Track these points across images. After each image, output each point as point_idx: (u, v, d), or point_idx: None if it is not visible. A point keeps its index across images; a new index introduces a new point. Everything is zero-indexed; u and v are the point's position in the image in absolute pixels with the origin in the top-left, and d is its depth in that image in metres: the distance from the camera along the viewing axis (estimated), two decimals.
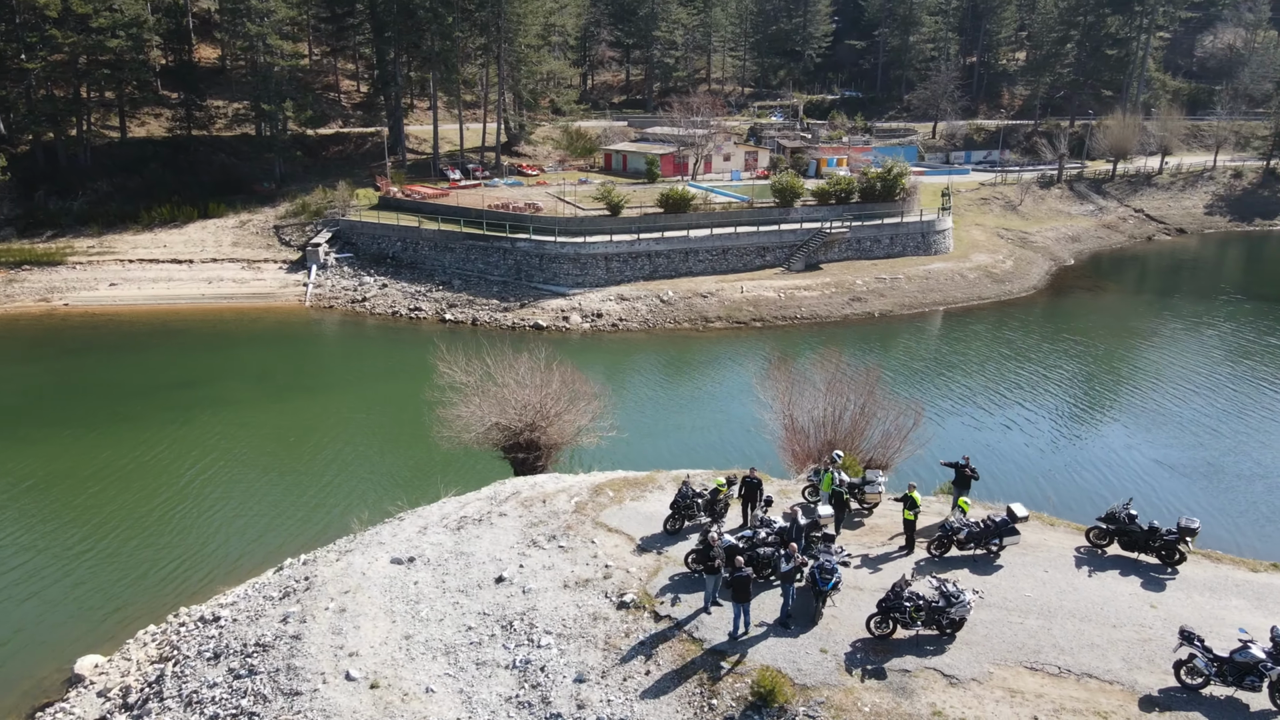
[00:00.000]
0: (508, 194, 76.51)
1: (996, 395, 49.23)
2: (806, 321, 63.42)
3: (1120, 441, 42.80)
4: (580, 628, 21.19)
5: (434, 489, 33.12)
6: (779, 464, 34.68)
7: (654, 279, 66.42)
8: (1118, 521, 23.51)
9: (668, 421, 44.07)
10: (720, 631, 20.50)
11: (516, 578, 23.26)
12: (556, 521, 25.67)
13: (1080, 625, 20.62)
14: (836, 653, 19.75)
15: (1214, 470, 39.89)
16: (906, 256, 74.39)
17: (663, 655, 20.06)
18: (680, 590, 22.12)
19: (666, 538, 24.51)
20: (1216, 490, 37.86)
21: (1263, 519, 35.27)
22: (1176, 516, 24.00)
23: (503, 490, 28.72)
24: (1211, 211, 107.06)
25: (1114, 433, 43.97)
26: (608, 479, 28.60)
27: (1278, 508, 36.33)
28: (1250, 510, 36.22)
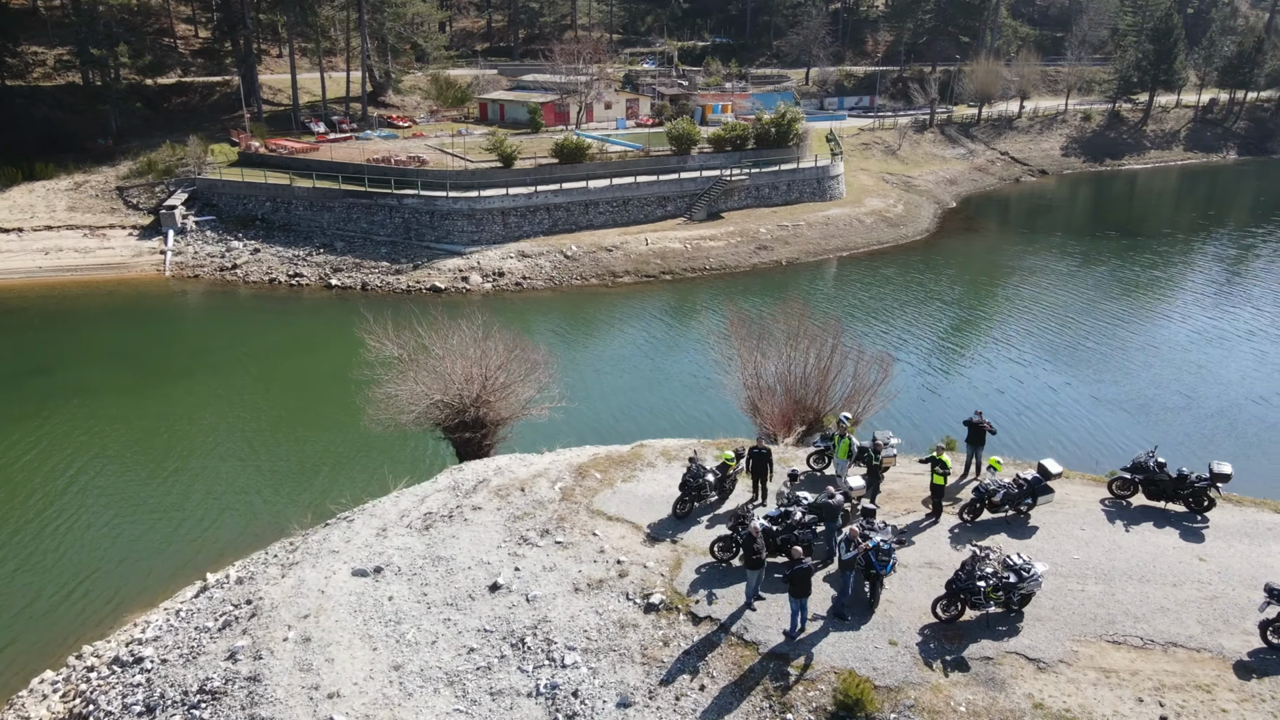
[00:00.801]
0: (386, 147, 70.57)
1: (926, 340, 48.69)
2: (716, 272, 61.42)
3: (1052, 380, 42.87)
4: (608, 639, 18.25)
5: (376, 481, 29.14)
6: (745, 426, 32.42)
7: (555, 233, 62.72)
8: (1145, 471, 22.40)
9: (607, 385, 41.09)
10: (773, 631, 18.02)
11: (515, 584, 20.01)
12: (544, 512, 22.45)
13: (1141, 588, 19.29)
14: (908, 644, 17.64)
15: (1144, 404, 40.42)
16: (804, 203, 73.39)
17: (714, 665, 17.41)
18: (711, 584, 19.48)
19: (676, 523, 21.77)
20: (1153, 424, 38.27)
21: (1204, 450, 35.68)
22: (1176, 459, 23.11)
23: (463, 478, 25.17)
24: (1067, 153, 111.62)
25: (1044, 373, 44.04)
26: (588, 458, 25.51)
27: (1214, 437, 36.95)
28: (1188, 441, 36.70)
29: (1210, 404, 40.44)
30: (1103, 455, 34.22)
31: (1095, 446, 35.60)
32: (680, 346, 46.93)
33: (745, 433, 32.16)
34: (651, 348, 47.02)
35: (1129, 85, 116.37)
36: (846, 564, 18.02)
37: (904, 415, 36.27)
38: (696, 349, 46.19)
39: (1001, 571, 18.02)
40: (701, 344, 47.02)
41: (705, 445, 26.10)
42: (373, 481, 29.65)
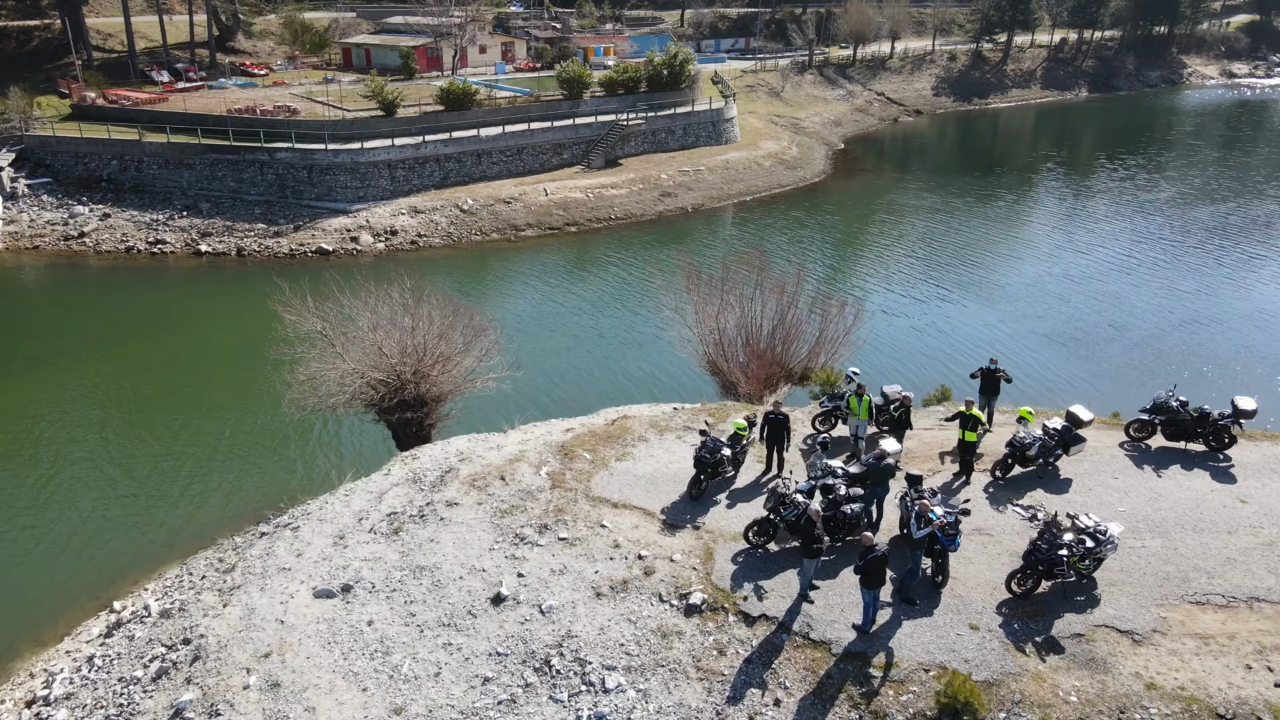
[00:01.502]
0: (247, 96, 63.59)
1: (852, 282, 47.44)
2: (622, 222, 58.48)
3: (985, 318, 42.36)
4: (651, 652, 15.57)
5: (314, 477, 25.28)
6: (709, 385, 30.05)
7: (447, 186, 58.14)
8: (1167, 411, 21.32)
9: (539, 348, 37.76)
10: (839, 625, 15.78)
11: (522, 593, 17.01)
12: (536, 504, 19.40)
13: (1199, 539, 18.09)
14: (990, 626, 15.75)
15: (1076, 337, 40.39)
16: (700, 147, 71.05)
17: (784, 673, 15.03)
18: (753, 575, 17.05)
19: (693, 506, 19.19)
20: (1089, 357, 38.17)
21: (1140, 382, 35.69)
22: (1200, 399, 22.19)
23: (422, 468, 21.75)
24: (938, 93, 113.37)
25: (974, 310, 43.49)
26: (567, 435, 22.50)
27: (1149, 368, 37.11)
28: (1127, 372, 36.75)
29: (1135, 334, 40.79)
30: (1055, 392, 33.70)
31: (1043, 383, 35.06)
32: (607, 301, 43.98)
33: (709, 392, 29.82)
34: (576, 304, 43.85)
35: (989, 25, 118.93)
36: (917, 542, 15.90)
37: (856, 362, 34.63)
38: (626, 303, 43.42)
39: (1077, 536, 16.32)
40: (629, 297, 44.30)
41: (699, 411, 23.49)
42: (309, 477, 25.77)
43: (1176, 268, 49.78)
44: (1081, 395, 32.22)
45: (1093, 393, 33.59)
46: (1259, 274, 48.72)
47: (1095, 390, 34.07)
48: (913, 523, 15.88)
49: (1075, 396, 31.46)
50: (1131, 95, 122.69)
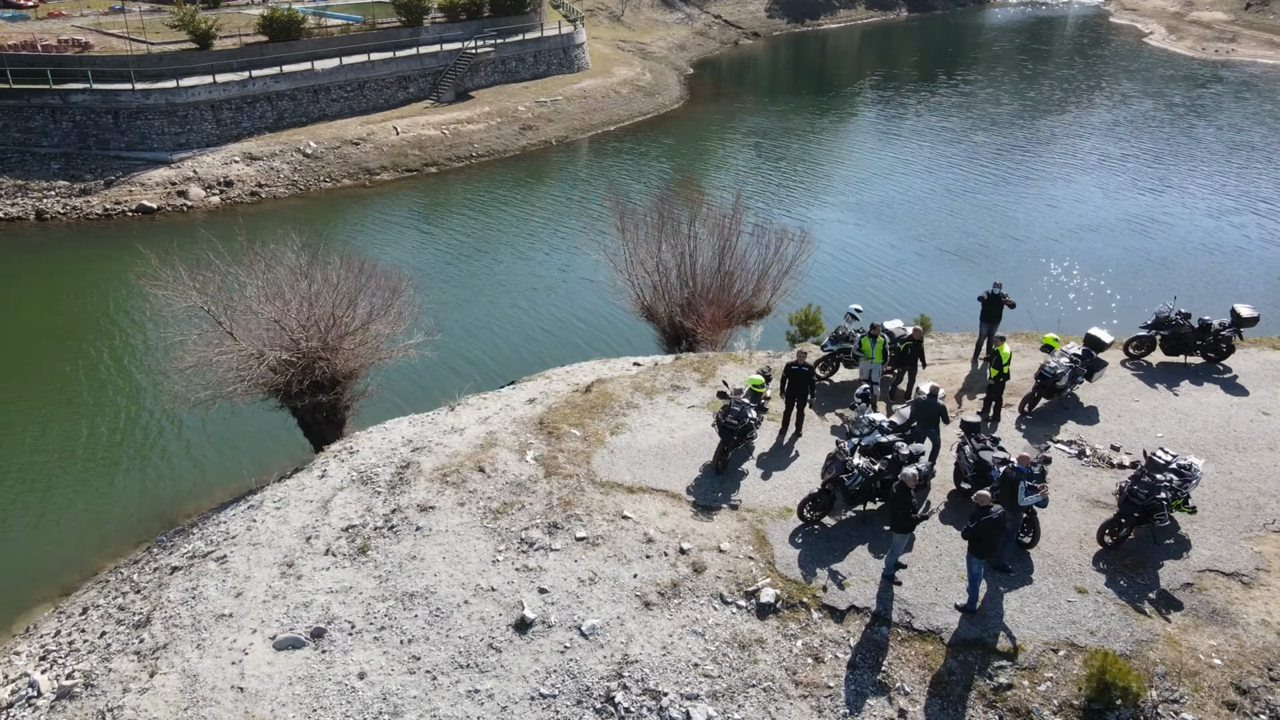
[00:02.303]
0: (19, 30, 53.69)
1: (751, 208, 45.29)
2: (485, 159, 53.90)
3: (888, 238, 41.40)
4: (734, 669, 12.91)
5: (213, 485, 20.83)
6: (645, 334, 27.26)
7: (283, 128, 51.51)
8: (1169, 325, 20.38)
9: (437, 301, 33.43)
10: (940, 608, 13.65)
11: (551, 613, 13.87)
12: (534, 498, 16.14)
13: (1246, 458, 17.17)
14: (1097, 587, 14.05)
15: (976, 250, 40.12)
16: (553, 75, 66.71)
17: (898, 675, 12.75)
18: (822, 557, 14.63)
19: (720, 481, 16.50)
20: (996, 269, 37.75)
21: (1043, 294, 35.65)
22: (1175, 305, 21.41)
23: (369, 464, 17.95)
24: (771, 14, 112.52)
25: (874, 232, 42.44)
26: (537, 408, 19.19)
27: (1063, 280, 37.22)
28: (1034, 285, 36.70)
29: (1031, 244, 40.92)
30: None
31: (969, 305, 34.21)
32: (495, 246, 39.91)
33: (647, 339, 27.00)
34: (461, 251, 39.51)
35: None
36: (1023, 505, 13.89)
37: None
38: (518, 247, 39.58)
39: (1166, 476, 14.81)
40: (519, 240, 40.45)
41: (681, 367, 20.61)
42: (205, 486, 21.24)
43: (1045, 178, 50.66)
44: (1015, 313, 31.44)
45: (1028, 308, 33.04)
46: (1121, 179, 50.27)
47: (1031, 306, 33.54)
48: (1021, 488, 13.78)
49: (1011, 317, 30.71)
50: (946, 14, 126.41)
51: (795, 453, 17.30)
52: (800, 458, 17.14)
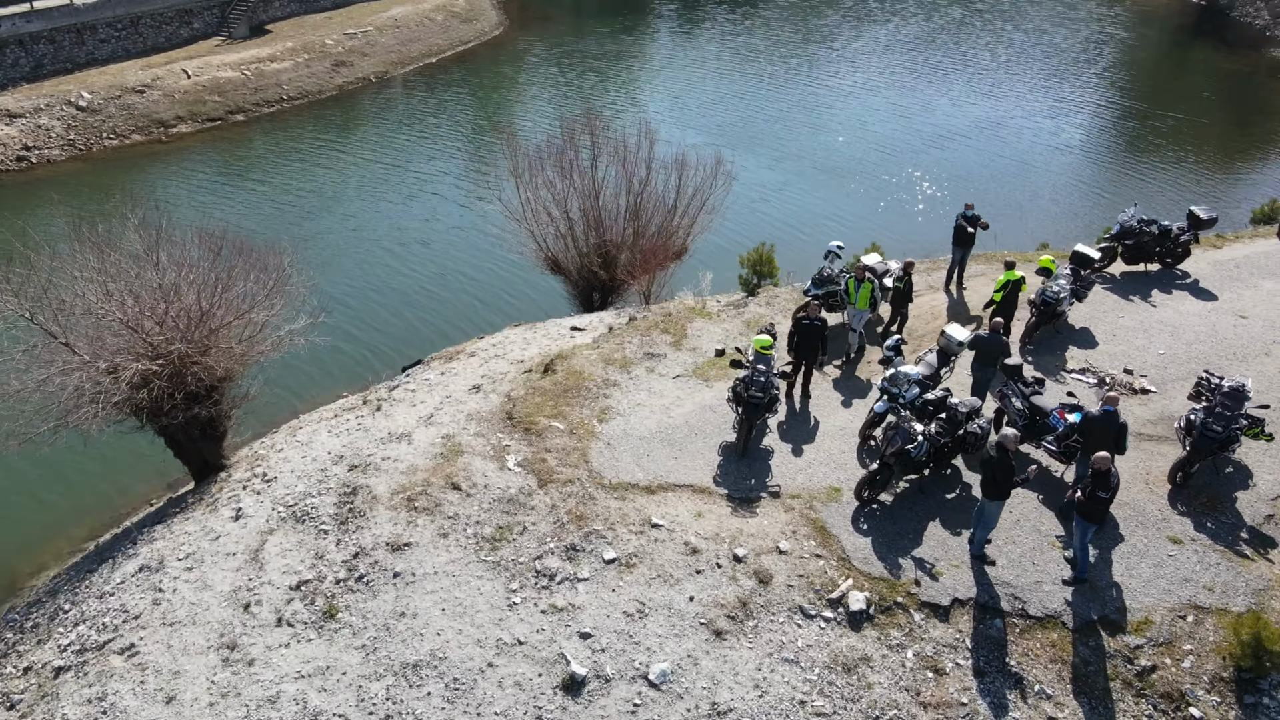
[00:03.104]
0: None
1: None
2: (299, 102, 47.67)
3: (776, 175, 39.69)
4: (848, 700, 10.80)
5: (64, 533, 16.49)
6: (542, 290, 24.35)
7: (45, 78, 43.27)
8: (1132, 235, 19.66)
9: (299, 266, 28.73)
10: (1046, 586, 12.04)
11: (606, 663, 11.21)
12: (536, 516, 13.20)
13: (1253, 368, 16.63)
14: (1187, 534, 12.91)
15: (846, 169, 39.22)
16: (358, 3, 60.09)
17: (1032, 674, 11.05)
18: (897, 544, 12.67)
19: (745, 465, 14.14)
20: (870, 186, 37.12)
21: (928, 214, 35.35)
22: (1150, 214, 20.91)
23: (300, 493, 14.35)
24: None
25: (764, 166, 40.57)
26: (492, 398, 16.02)
27: (959, 188, 36.89)
28: (911, 202, 36.27)
29: (901, 157, 40.44)
30: (897, 233, 31.98)
31: (880, 226, 33.04)
32: (340, 197, 34.94)
33: (556, 294, 24.08)
34: (302, 208, 34.31)
35: None
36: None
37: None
38: (366, 197, 34.84)
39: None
40: (363, 188, 35.65)
41: (650, 329, 17.87)
42: (45, 538, 16.74)
43: (890, 89, 50.43)
44: (925, 231, 30.74)
45: (913, 226, 32.38)
46: (961, 88, 50.81)
47: (913, 226, 32.89)
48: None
49: (918, 237, 29.90)
50: None
51: (814, 420, 15.17)
52: (823, 424, 15.03)
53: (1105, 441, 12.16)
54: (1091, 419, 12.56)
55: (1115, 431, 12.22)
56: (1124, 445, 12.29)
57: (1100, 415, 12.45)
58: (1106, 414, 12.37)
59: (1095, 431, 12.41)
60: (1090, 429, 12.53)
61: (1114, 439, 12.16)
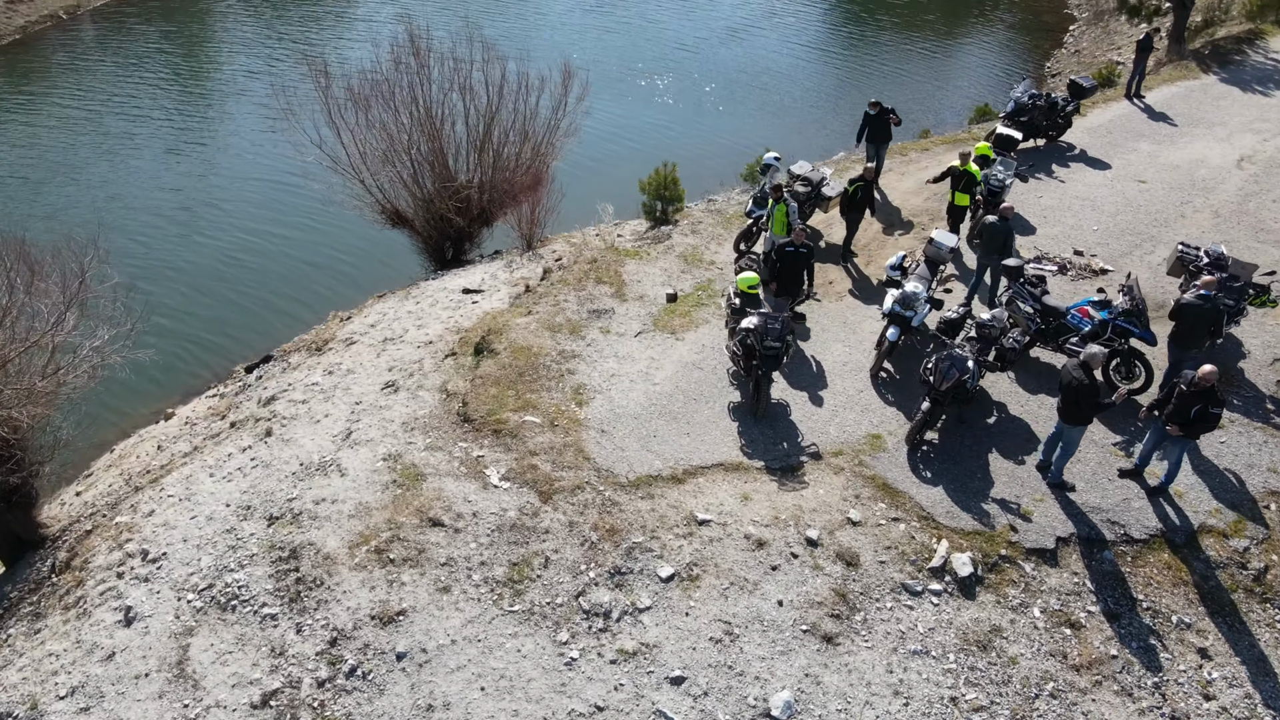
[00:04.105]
0: None
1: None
2: None
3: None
4: (997, 684, 9.45)
5: None
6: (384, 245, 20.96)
7: None
8: (1026, 111, 19.23)
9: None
10: (1133, 503, 11.19)
11: (713, 706, 9.17)
12: (553, 538, 10.63)
13: (1187, 229, 16.66)
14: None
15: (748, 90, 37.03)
16: None
17: (1165, 603, 10.17)
18: (970, 488, 11.31)
19: (765, 428, 12.19)
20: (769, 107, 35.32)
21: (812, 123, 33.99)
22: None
23: (218, 569, 10.90)
24: None
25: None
26: (425, 399, 12.91)
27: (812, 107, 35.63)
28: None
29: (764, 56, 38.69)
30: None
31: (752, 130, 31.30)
32: (88, 160, 28.31)
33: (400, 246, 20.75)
34: (46, 173, 27.45)
35: None
36: None
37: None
38: (116, 157, 28.47)
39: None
40: (109, 147, 29.11)
41: (575, 282, 15.14)
42: None
43: None
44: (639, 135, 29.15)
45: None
46: None
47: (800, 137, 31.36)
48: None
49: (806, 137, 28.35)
50: None
51: (814, 360, 13.38)
52: (824, 363, 13.31)
53: (1201, 332, 11.34)
54: (1186, 306, 11.58)
55: (1213, 318, 11.40)
56: (1221, 333, 11.54)
57: (1195, 301, 11.52)
58: (1203, 299, 11.48)
59: (1190, 320, 11.49)
60: (1185, 317, 11.57)
61: (1210, 328, 11.36)
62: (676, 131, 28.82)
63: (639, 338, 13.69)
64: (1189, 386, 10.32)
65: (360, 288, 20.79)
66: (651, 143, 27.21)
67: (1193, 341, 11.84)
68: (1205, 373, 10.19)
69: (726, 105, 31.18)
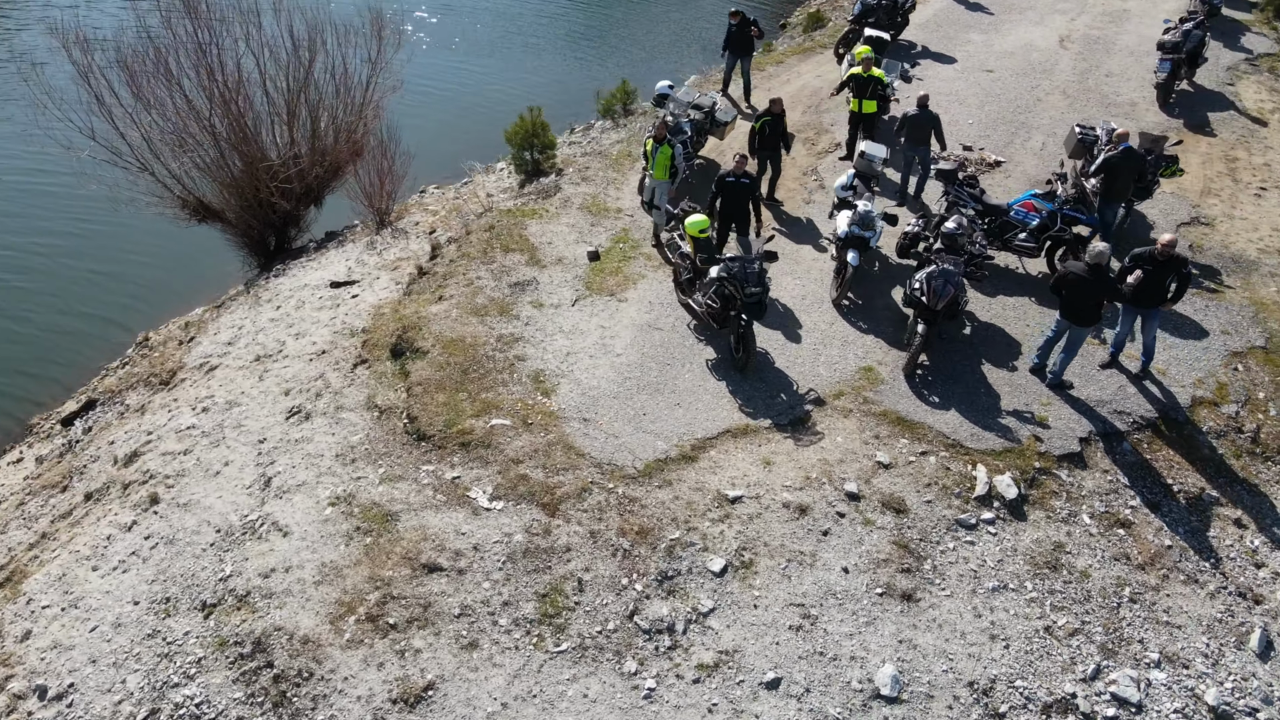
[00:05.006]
0: None
1: None
2: None
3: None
4: (1080, 601, 9.12)
5: None
6: (190, 243, 18.10)
7: None
8: (873, 11, 18.95)
9: None
10: (1128, 391, 11.14)
11: (819, 702, 8.24)
12: (580, 556, 9.17)
13: (1033, 116, 17.09)
14: None
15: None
16: None
17: (1189, 483, 10.21)
18: (980, 402, 10.86)
19: (755, 382, 11.15)
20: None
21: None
22: None
23: (148, 692, 8.61)
24: None
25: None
26: (359, 424, 10.81)
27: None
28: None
29: None
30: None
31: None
32: None
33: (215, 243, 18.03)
34: None
35: None
36: None
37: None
38: None
39: None
40: None
41: (480, 259, 13.21)
42: None
43: None
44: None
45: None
46: None
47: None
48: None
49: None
50: None
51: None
52: (783, 298, 12.36)
53: (1125, 184, 11.64)
54: (1113, 160, 11.81)
55: (1139, 167, 11.73)
56: (1152, 189, 11.86)
57: (1121, 154, 11.77)
58: (1127, 151, 11.74)
59: (1120, 173, 11.79)
60: (1112, 169, 11.81)
61: (1138, 177, 11.67)
62: (511, 77, 26.35)
63: (577, 306, 12.14)
64: (1153, 263, 10.31)
65: (173, 298, 17.61)
66: (493, 92, 24.77)
67: (1118, 194, 12.29)
68: (1167, 240, 10.26)
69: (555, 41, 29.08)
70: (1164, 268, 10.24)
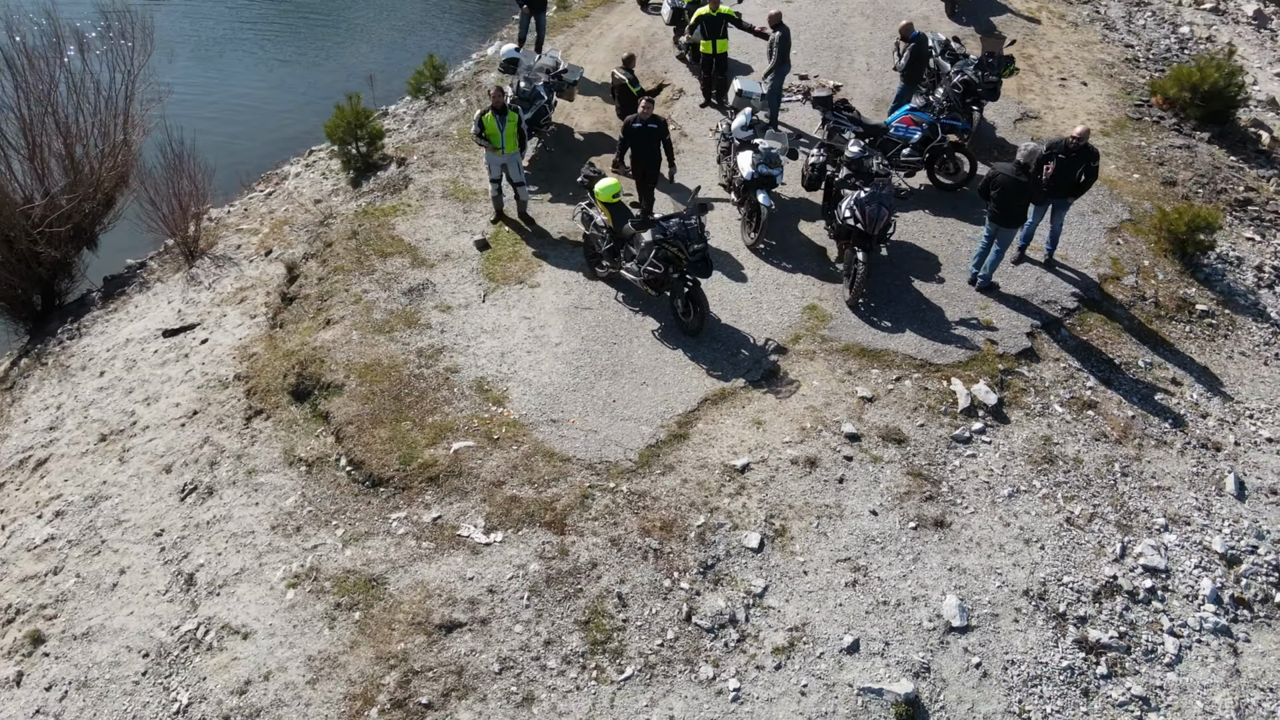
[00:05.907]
0: None
1: None
2: None
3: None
4: (1088, 484, 9.38)
5: None
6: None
7: None
8: None
9: None
10: (1051, 280, 11.58)
11: (902, 651, 7.97)
12: (608, 570, 8.25)
13: (845, 39, 17.52)
14: None
15: None
16: None
17: (1127, 350, 10.78)
18: (927, 316, 10.86)
19: (713, 344, 10.55)
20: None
21: None
22: None
23: None
24: None
25: None
26: (289, 485, 9.13)
27: None
28: None
29: None
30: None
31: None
32: None
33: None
34: None
35: None
36: None
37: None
38: None
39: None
40: None
41: (345, 273, 11.53)
42: None
43: None
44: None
45: None
46: None
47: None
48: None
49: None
50: None
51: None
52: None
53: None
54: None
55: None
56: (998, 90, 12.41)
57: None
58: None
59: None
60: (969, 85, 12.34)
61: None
62: (268, 77, 23.37)
63: (489, 301, 10.91)
64: (1066, 153, 10.71)
65: None
66: (264, 92, 21.88)
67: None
68: (1079, 132, 10.67)
69: (301, 31, 26.13)
70: (1076, 159, 10.62)
